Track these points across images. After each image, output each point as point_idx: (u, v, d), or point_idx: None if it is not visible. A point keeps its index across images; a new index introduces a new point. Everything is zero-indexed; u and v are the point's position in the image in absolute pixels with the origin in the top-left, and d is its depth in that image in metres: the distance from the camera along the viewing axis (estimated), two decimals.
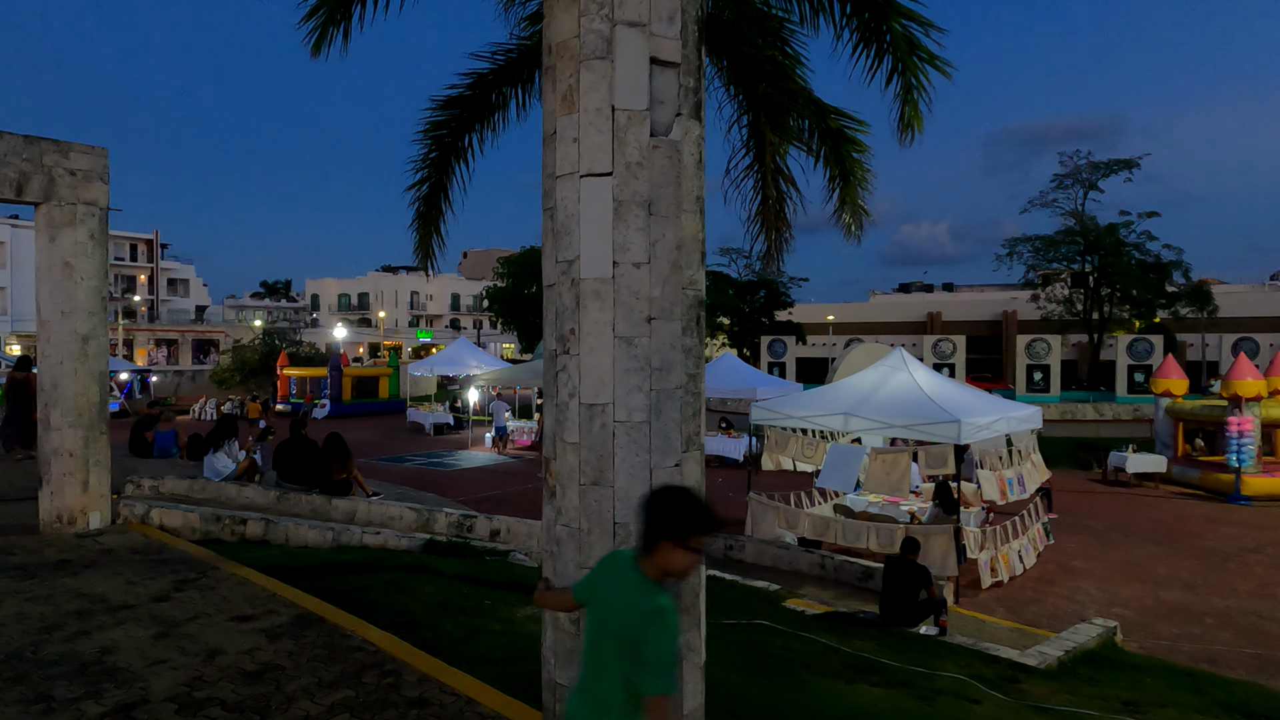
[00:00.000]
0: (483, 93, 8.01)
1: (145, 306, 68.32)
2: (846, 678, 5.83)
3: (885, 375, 12.45)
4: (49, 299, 8.05)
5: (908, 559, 8.72)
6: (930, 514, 11.78)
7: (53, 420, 8.01)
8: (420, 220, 8.41)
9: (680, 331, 2.92)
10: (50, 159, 7.96)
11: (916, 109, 7.72)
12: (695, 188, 2.95)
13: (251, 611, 5.71)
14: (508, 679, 4.57)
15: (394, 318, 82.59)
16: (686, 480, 2.94)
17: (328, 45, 7.06)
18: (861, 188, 9.36)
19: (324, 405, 33.64)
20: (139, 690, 4.36)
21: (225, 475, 10.94)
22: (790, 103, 8.56)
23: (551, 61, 2.91)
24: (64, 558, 7.14)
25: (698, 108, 2.93)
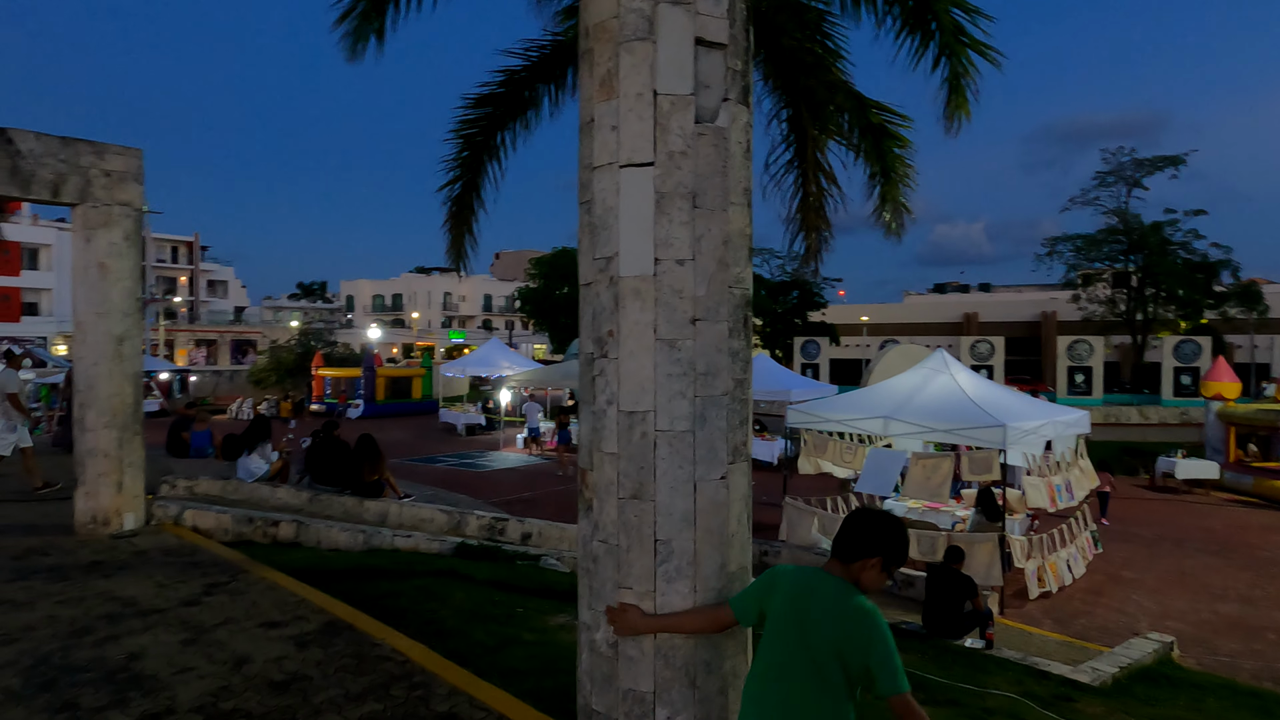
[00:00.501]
0: (515, 90, 7.88)
1: (186, 307, 69.58)
2: None
3: (926, 378, 12.12)
4: (84, 300, 8.06)
5: (951, 568, 8.42)
6: (973, 521, 11.43)
7: (88, 421, 8.02)
8: (452, 220, 8.30)
9: (726, 333, 2.71)
10: (86, 160, 7.97)
11: (963, 97, 7.43)
12: (743, 178, 2.74)
13: (280, 618, 5.60)
14: (540, 693, 4.40)
15: (427, 318, 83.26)
16: (733, 494, 2.73)
17: (362, 47, 6.98)
18: (903, 185, 9.08)
19: (358, 405, 33.91)
20: (165, 700, 4.26)
21: (258, 476, 10.94)
22: (831, 96, 8.32)
23: (589, 44, 2.72)
24: (97, 559, 7.12)
25: (745, 92, 2.73)
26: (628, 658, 2.69)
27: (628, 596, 2.70)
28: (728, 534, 2.72)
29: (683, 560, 2.66)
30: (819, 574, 2.42)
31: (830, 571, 2.41)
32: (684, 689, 2.65)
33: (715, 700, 2.68)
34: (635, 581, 2.69)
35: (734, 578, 2.75)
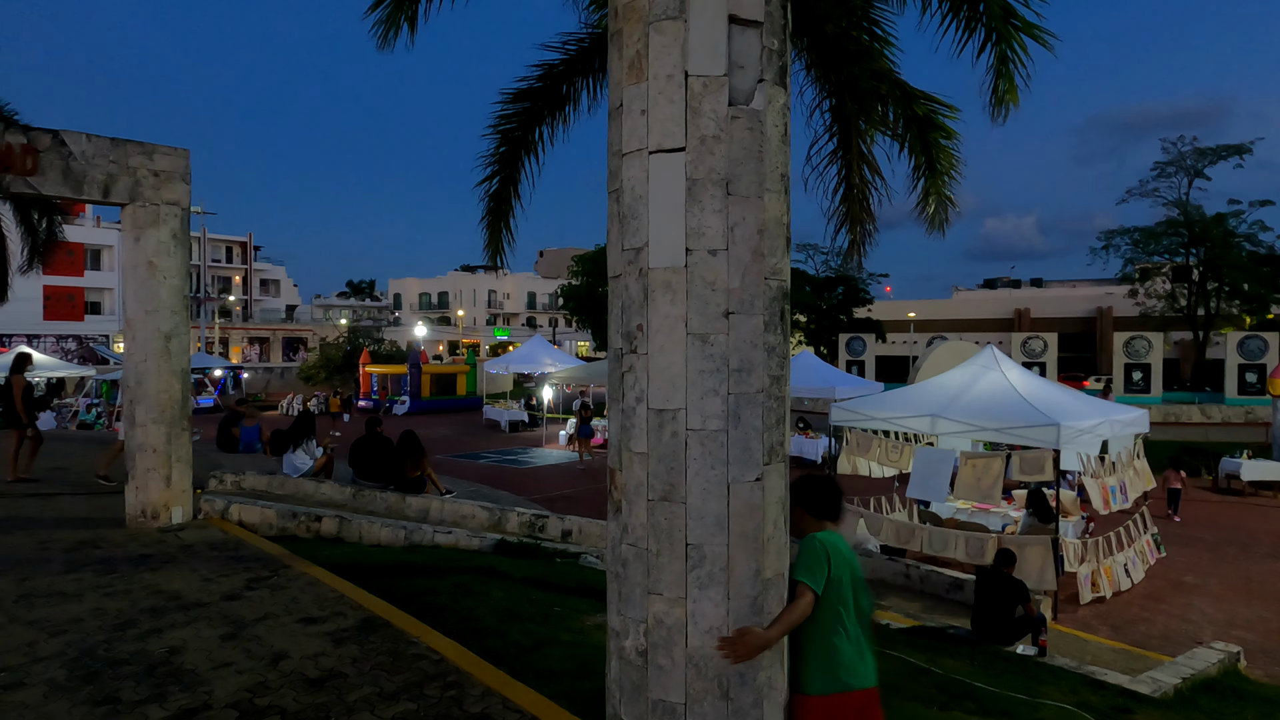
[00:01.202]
0: (552, 84, 7.81)
1: (240, 306, 71.32)
2: (940, 703, 5.37)
3: (975, 375, 11.77)
4: (134, 298, 8.22)
5: (1002, 571, 8.13)
6: (1024, 523, 11.07)
7: (137, 416, 8.18)
8: (490, 216, 8.27)
9: (762, 327, 2.57)
10: (135, 161, 8.12)
11: (1011, 82, 7.16)
12: (780, 164, 2.60)
13: (319, 614, 5.62)
14: (575, 695, 4.32)
15: (472, 316, 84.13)
16: (769, 496, 2.60)
17: (394, 35, 6.98)
18: (948, 177, 8.81)
19: (404, 401, 34.37)
20: (203, 694, 4.28)
21: (303, 472, 11.09)
22: (876, 86, 8.09)
23: (618, 25, 2.60)
24: (145, 552, 7.25)
25: (783, 72, 2.58)
26: (658, 667, 2.57)
27: (657, 603, 2.58)
28: (763, 538, 2.59)
29: (715, 566, 2.53)
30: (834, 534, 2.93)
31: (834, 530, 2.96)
32: (716, 701, 2.53)
33: (750, 714, 2.55)
34: (665, 587, 2.57)
35: (769, 585, 2.61)
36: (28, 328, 49.17)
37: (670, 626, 2.56)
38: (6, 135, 7.40)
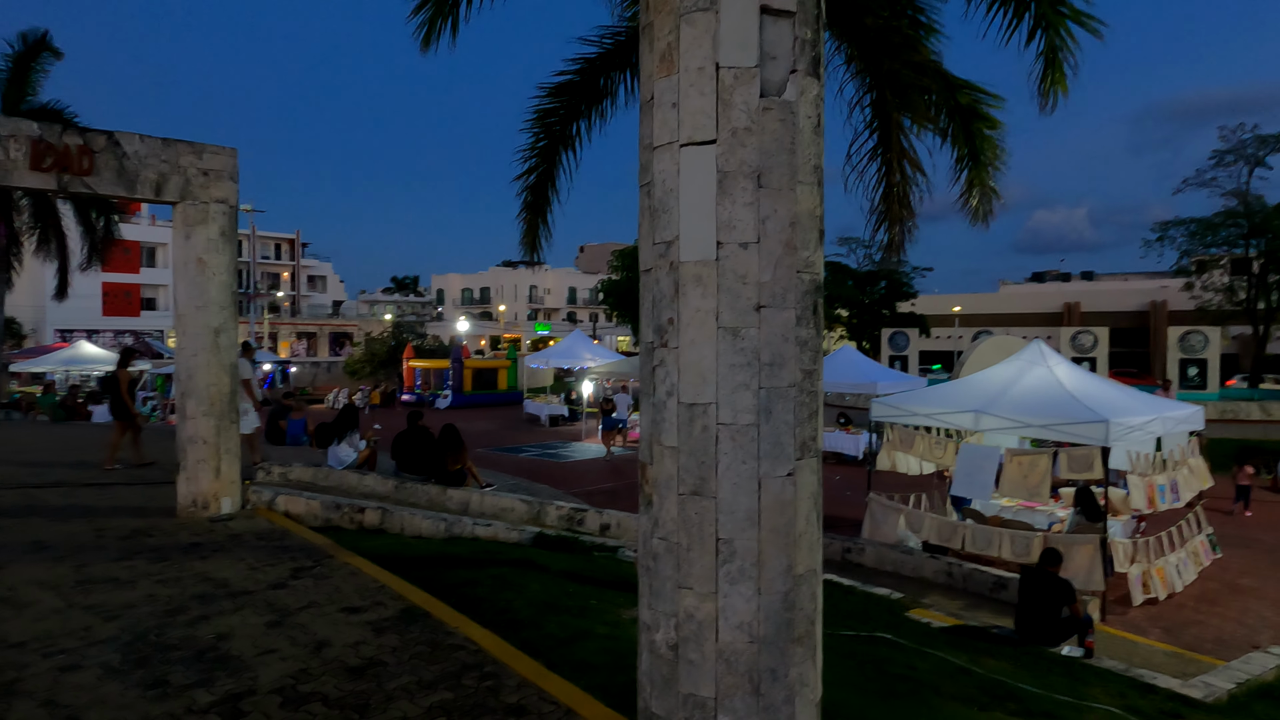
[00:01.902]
0: (590, 78, 7.83)
1: (288, 302, 72.88)
2: (981, 704, 5.28)
3: (1021, 370, 11.53)
4: (185, 293, 8.45)
5: (1047, 571, 7.96)
6: (1072, 522, 10.82)
7: (188, 409, 8.41)
8: (527, 210, 8.34)
9: (794, 321, 2.55)
10: (186, 160, 8.33)
11: (1060, 72, 6.99)
12: (813, 155, 2.56)
13: (361, 603, 5.72)
14: (610, 688, 4.33)
15: (513, 311, 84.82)
16: (801, 492, 2.58)
17: (436, 38, 7.06)
18: (992, 168, 8.65)
19: (446, 395, 34.80)
20: (248, 680, 4.39)
21: (347, 464, 11.29)
22: (918, 78, 7.96)
23: (649, 18, 2.59)
24: (195, 541, 7.45)
25: (816, 63, 2.55)
26: (688, 661, 2.57)
27: (688, 597, 2.58)
28: (794, 534, 2.57)
29: (746, 561, 2.52)
30: None
31: None
32: (747, 696, 2.52)
33: (781, 710, 2.54)
34: (696, 582, 2.57)
35: (801, 580, 2.59)
36: (88, 323, 50.90)
37: (701, 621, 2.56)
38: (65, 137, 7.65)
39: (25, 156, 7.42)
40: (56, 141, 7.56)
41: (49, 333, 49.06)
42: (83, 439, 15.61)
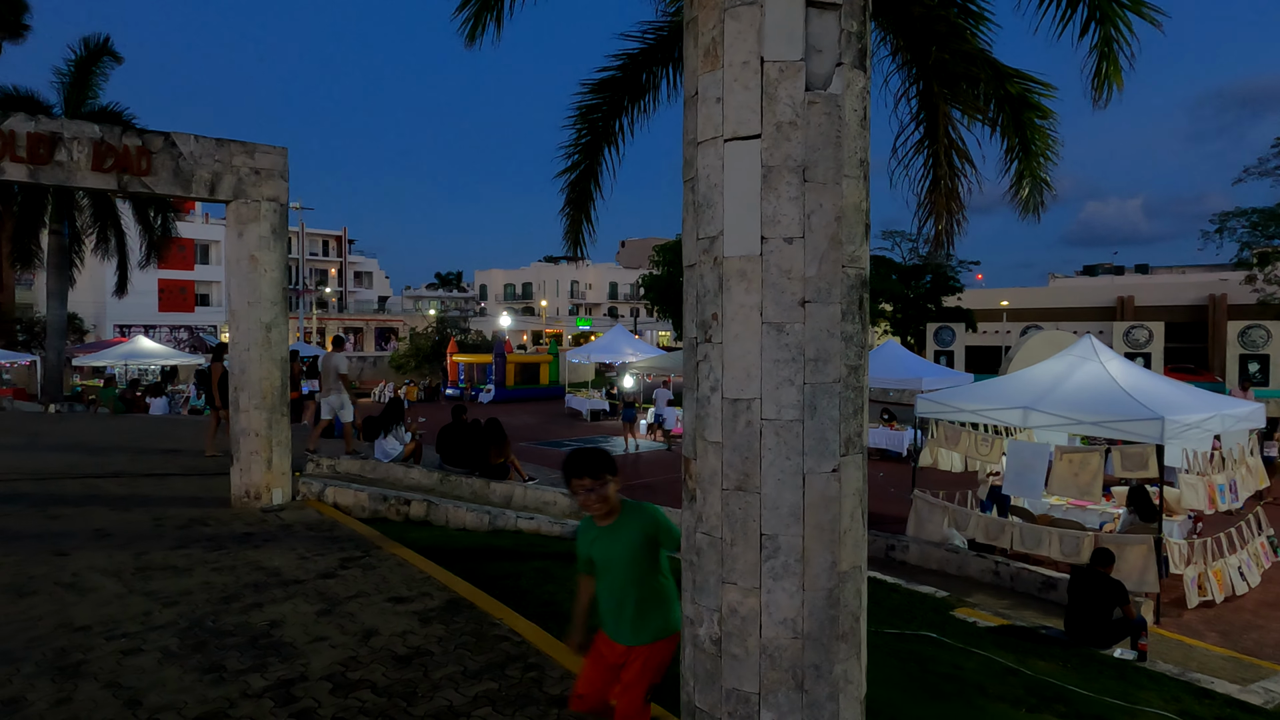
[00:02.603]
0: (633, 73, 7.83)
1: (335, 297, 74.28)
2: (1029, 705, 5.19)
3: (1072, 365, 11.26)
4: (237, 290, 8.67)
5: (1099, 571, 7.78)
6: (1125, 521, 10.55)
7: (241, 403, 8.64)
8: (570, 206, 8.38)
9: (839, 316, 2.53)
10: (238, 160, 8.54)
11: (1115, 65, 6.80)
12: (859, 149, 2.54)
13: (407, 593, 5.83)
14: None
15: (555, 306, 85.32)
16: (846, 488, 2.56)
17: (480, 33, 7.13)
18: (1044, 159, 8.45)
19: (489, 390, 35.17)
20: (299, 666, 4.51)
21: (393, 457, 11.49)
22: (966, 68, 7.81)
23: (694, 13, 2.59)
24: (248, 530, 7.66)
25: (862, 55, 2.52)
26: (731, 656, 2.57)
27: (731, 592, 2.58)
28: (839, 530, 2.55)
29: (790, 557, 2.51)
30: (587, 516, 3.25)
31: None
32: (791, 692, 2.51)
33: (825, 706, 2.53)
34: (740, 577, 2.57)
35: (846, 577, 2.57)
36: (145, 319, 52.51)
37: (744, 616, 2.56)
38: (124, 138, 7.90)
39: (87, 158, 7.68)
40: (117, 143, 7.81)
41: (109, 328, 50.71)
42: (141, 431, 16.12)
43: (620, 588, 3.09)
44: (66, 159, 7.61)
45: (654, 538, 3.09)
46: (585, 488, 3.04)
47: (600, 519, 3.12)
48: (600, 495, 3.04)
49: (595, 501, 3.05)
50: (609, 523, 3.12)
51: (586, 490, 3.04)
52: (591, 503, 3.06)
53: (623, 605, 3.09)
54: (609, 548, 3.09)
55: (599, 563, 3.14)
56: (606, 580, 3.13)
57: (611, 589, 3.11)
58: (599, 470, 3.04)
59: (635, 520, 3.11)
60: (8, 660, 4.54)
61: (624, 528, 3.10)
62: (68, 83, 21.91)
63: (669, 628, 3.11)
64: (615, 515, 3.12)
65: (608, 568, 3.11)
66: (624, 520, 3.12)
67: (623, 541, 3.08)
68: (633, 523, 3.10)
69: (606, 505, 3.08)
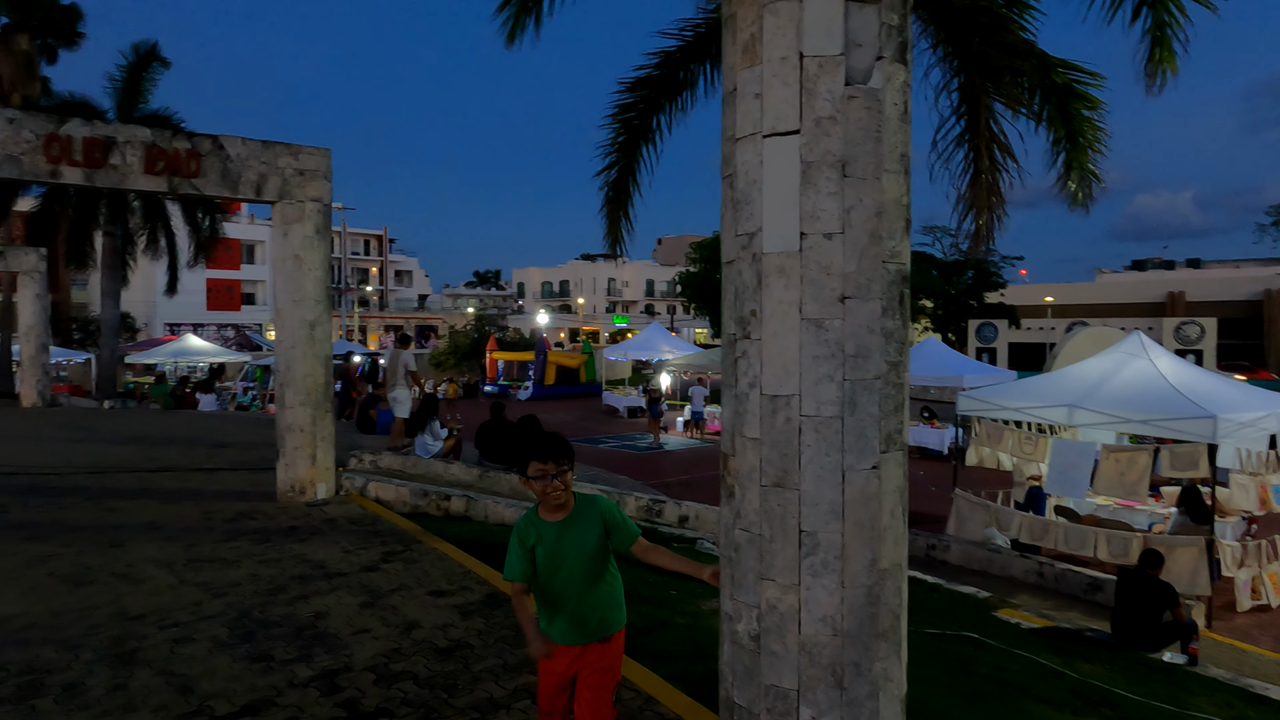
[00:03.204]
0: (670, 71, 7.84)
1: (376, 296, 75.42)
2: (1074, 708, 5.10)
3: (1120, 362, 11.01)
4: (282, 289, 8.86)
5: (1148, 573, 7.60)
6: (1175, 522, 10.29)
7: (286, 399, 8.82)
8: (609, 205, 8.41)
9: (879, 312, 2.51)
10: (283, 161, 8.72)
11: (1169, 50, 6.63)
12: (899, 143, 2.52)
13: (448, 587, 5.92)
14: (689, 677, 4.37)
15: (592, 304, 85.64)
16: (886, 485, 2.54)
17: (520, 33, 7.19)
18: (1092, 150, 8.28)
19: (528, 388, 35.44)
20: (344, 657, 4.60)
21: (434, 453, 11.65)
22: (1009, 59, 7.68)
23: (732, 9, 2.59)
24: (294, 524, 7.83)
25: (903, 49, 2.50)
26: (770, 653, 2.57)
27: (770, 589, 2.58)
28: (879, 528, 2.54)
29: (829, 554, 2.51)
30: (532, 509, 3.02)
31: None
32: (830, 689, 2.51)
33: (865, 704, 2.52)
34: (778, 574, 2.57)
35: (886, 575, 2.56)
36: (193, 317, 53.86)
37: (783, 613, 2.56)
38: (174, 142, 8.11)
39: (140, 161, 7.90)
40: (167, 146, 8.02)
41: (159, 326, 52.11)
42: (191, 426, 16.56)
43: (579, 585, 2.88)
44: (120, 162, 7.83)
45: (608, 532, 2.92)
46: (550, 473, 2.83)
47: (553, 511, 2.90)
48: (564, 482, 2.85)
49: (558, 490, 2.85)
50: (561, 517, 2.90)
51: (551, 476, 2.83)
52: (553, 490, 2.84)
53: (582, 604, 2.89)
54: (564, 544, 2.87)
55: (549, 562, 2.88)
56: (560, 579, 2.88)
57: (568, 588, 2.88)
58: (565, 455, 2.87)
59: (592, 512, 2.93)
60: (68, 647, 4.71)
61: (581, 521, 2.90)
62: (120, 88, 22.55)
63: (622, 621, 3.01)
64: (569, 508, 2.91)
65: (561, 565, 2.87)
66: (580, 513, 2.92)
67: (582, 535, 2.89)
68: (590, 514, 2.92)
69: (564, 495, 2.88)
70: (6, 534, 7.28)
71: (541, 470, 2.83)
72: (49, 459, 11.54)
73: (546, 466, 2.83)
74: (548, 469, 2.83)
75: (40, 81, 23.68)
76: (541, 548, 2.87)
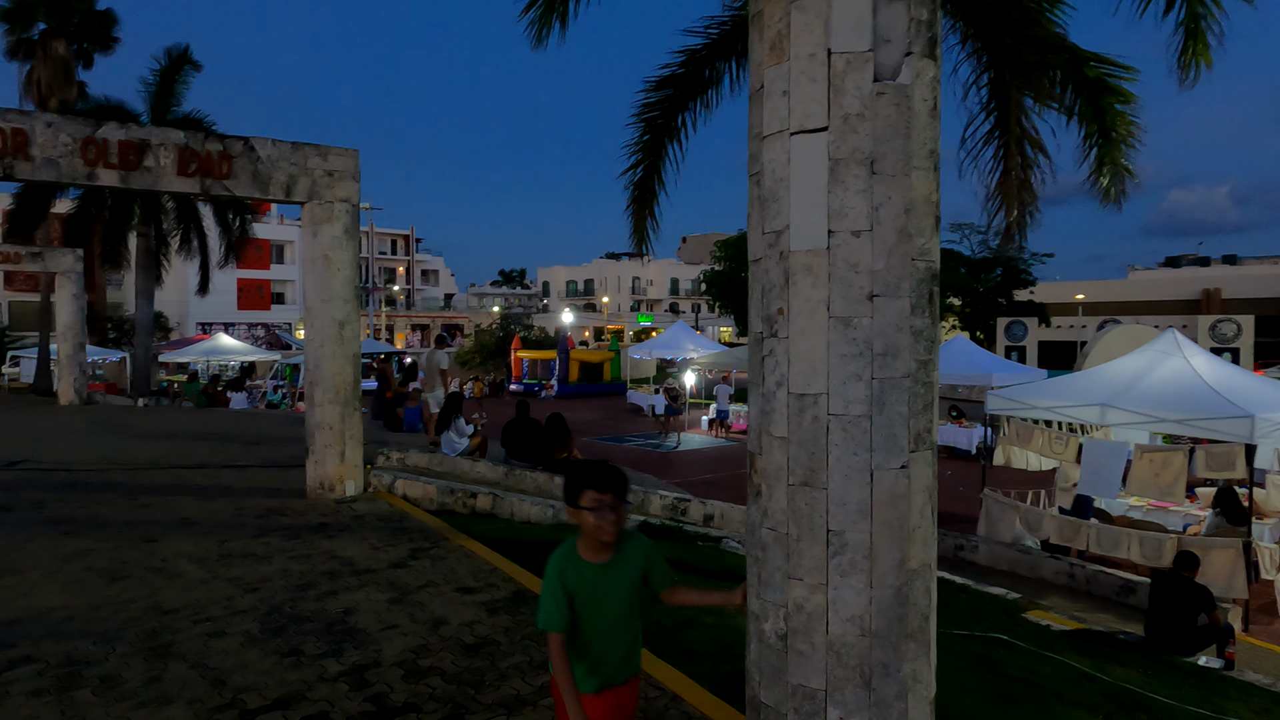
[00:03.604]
0: (695, 69, 7.82)
1: (403, 295, 76.10)
2: (1106, 712, 5.02)
3: (1153, 361, 10.82)
4: (312, 288, 8.96)
5: (1183, 576, 7.47)
6: (1211, 524, 10.10)
7: (315, 397, 8.93)
8: (634, 204, 8.42)
9: (908, 310, 2.49)
10: (312, 162, 8.82)
11: (1203, 42, 6.50)
12: (928, 139, 2.49)
13: (474, 584, 5.96)
14: (715, 677, 4.37)
15: (616, 302, 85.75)
16: (915, 485, 2.52)
17: (546, 34, 7.22)
18: (1125, 145, 8.14)
19: (554, 387, 35.58)
20: (373, 653, 4.65)
21: (460, 451, 11.73)
22: (1040, 54, 7.58)
23: (758, 6, 2.58)
24: (323, 521, 7.92)
25: (932, 44, 2.47)
26: (797, 652, 2.56)
27: (797, 588, 2.57)
28: (908, 528, 2.52)
29: (857, 554, 2.49)
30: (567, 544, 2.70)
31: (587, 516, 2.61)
32: (858, 690, 2.49)
33: (893, 705, 2.50)
34: (806, 573, 2.55)
35: (915, 575, 2.54)
36: (225, 316, 54.69)
37: (810, 612, 2.55)
38: (206, 144, 8.24)
39: (173, 163, 8.03)
40: (199, 148, 8.15)
41: (191, 325, 52.98)
42: (222, 424, 16.82)
43: (609, 629, 2.61)
44: (154, 164, 7.97)
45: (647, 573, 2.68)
46: (608, 505, 2.52)
47: (598, 551, 2.58)
48: (621, 517, 2.55)
49: (613, 525, 2.54)
50: (606, 558, 2.60)
51: (608, 509, 2.52)
52: (608, 526, 2.53)
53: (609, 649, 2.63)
54: (606, 588, 2.58)
55: (585, 607, 2.57)
56: (593, 624, 2.59)
57: (598, 632, 2.59)
58: (627, 487, 2.58)
59: (635, 551, 2.66)
60: (104, 640, 4.81)
61: (624, 562, 2.63)
62: (153, 91, 22.95)
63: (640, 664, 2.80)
64: (613, 549, 2.60)
65: (598, 610, 2.58)
66: (623, 553, 2.63)
67: (628, 574, 2.63)
68: (634, 554, 2.65)
69: (616, 533, 2.57)
70: (45, 529, 7.45)
71: (599, 501, 2.51)
72: (86, 455, 11.79)
73: (605, 498, 2.52)
74: (605, 500, 2.52)
75: (77, 86, 24.20)
76: (581, 593, 2.56)
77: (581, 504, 2.53)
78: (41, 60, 23.39)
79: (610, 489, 2.52)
